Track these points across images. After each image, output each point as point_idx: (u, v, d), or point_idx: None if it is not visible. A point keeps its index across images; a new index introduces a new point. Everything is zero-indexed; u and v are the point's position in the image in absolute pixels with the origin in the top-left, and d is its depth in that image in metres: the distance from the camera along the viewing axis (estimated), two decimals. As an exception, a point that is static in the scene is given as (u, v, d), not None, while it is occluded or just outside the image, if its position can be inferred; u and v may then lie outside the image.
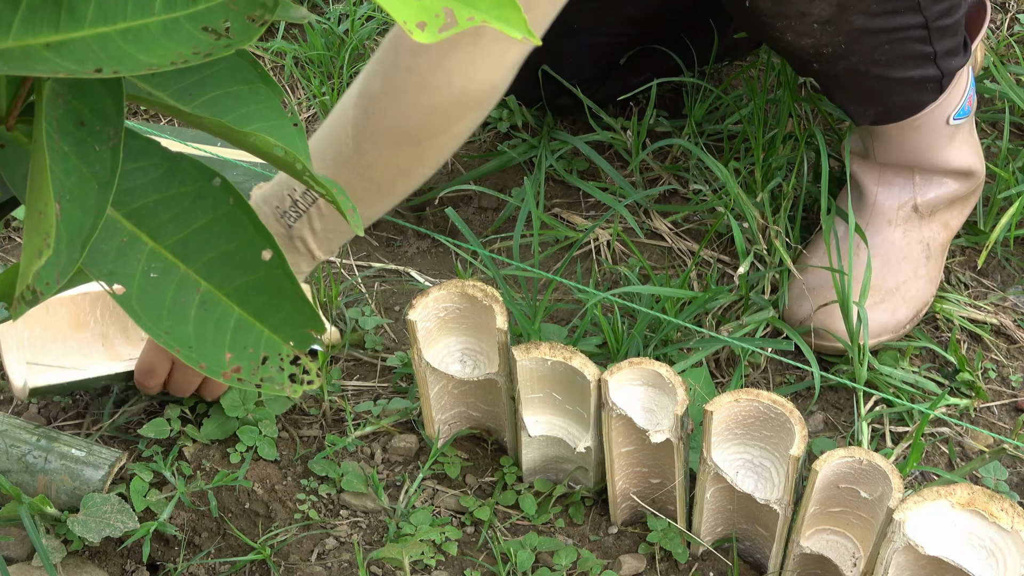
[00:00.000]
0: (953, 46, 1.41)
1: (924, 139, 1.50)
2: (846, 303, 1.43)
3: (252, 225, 0.69)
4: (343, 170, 1.20)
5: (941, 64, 1.42)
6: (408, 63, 1.15)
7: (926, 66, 1.41)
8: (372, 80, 1.18)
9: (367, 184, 1.21)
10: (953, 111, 1.48)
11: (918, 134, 1.49)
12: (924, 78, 1.43)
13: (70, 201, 0.59)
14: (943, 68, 1.42)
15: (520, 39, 0.42)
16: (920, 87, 1.44)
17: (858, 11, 1.33)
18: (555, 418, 1.34)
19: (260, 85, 0.74)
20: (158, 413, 1.45)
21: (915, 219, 1.54)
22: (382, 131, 1.18)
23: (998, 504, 1.11)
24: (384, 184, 1.22)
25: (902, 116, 1.47)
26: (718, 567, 1.31)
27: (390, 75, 1.16)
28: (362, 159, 1.19)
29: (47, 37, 0.56)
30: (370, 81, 1.18)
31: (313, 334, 0.69)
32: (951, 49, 1.41)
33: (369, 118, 1.18)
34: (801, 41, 1.36)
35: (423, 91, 1.15)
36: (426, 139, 1.19)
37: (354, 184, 1.20)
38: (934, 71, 1.42)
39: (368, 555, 1.31)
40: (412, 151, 1.20)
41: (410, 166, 1.22)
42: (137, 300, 0.67)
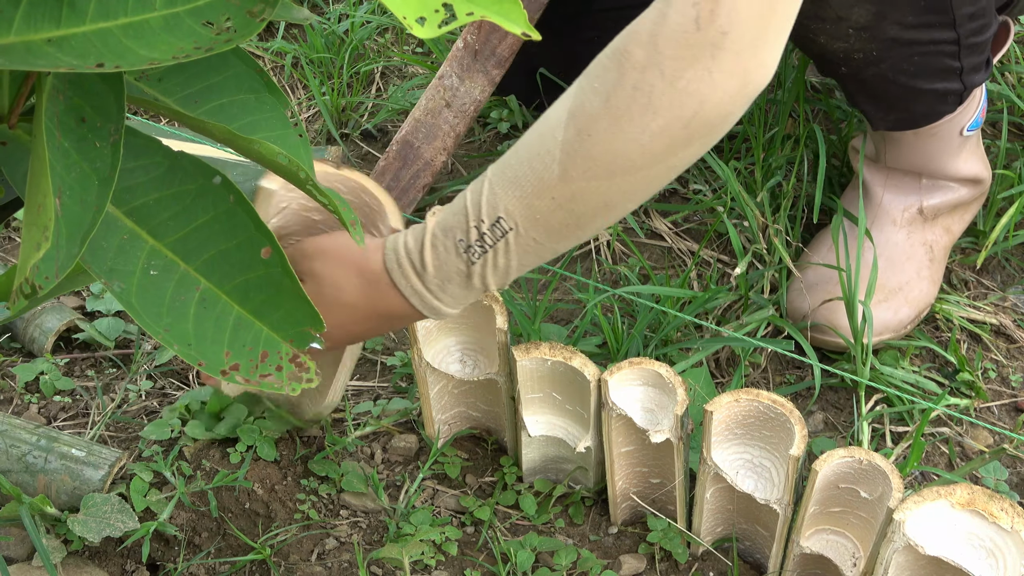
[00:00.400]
0: (979, 62, 1.42)
1: (937, 147, 1.51)
2: (851, 301, 1.44)
3: (252, 223, 0.69)
4: (541, 200, 1.08)
5: (965, 79, 1.43)
6: (635, 80, 1.02)
7: (951, 80, 1.42)
8: (589, 98, 1.05)
9: (565, 217, 1.08)
10: (967, 123, 1.51)
11: (932, 142, 1.51)
12: (947, 91, 1.44)
13: (70, 196, 0.59)
14: (966, 83, 1.43)
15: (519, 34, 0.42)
16: (942, 98, 1.45)
17: (894, 21, 1.33)
18: (555, 418, 1.34)
19: (266, 95, 0.74)
20: (158, 413, 1.45)
21: (919, 222, 1.55)
22: (595, 156, 1.05)
23: (998, 504, 1.11)
24: (584, 218, 1.09)
25: (920, 124, 1.48)
26: (718, 567, 1.31)
27: (612, 93, 1.03)
28: (567, 188, 1.07)
29: (49, 32, 0.56)
30: (586, 100, 1.05)
31: (312, 332, 0.69)
32: (976, 65, 1.42)
33: (583, 141, 1.05)
34: (833, 44, 1.36)
35: (650, 113, 1.02)
36: (644, 168, 1.06)
37: (551, 217, 1.08)
38: (957, 85, 1.43)
39: (368, 555, 1.31)
40: (624, 182, 1.07)
41: (617, 199, 1.08)
42: (137, 297, 0.67)
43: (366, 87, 1.96)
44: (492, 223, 1.10)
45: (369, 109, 1.91)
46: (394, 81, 1.98)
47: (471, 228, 1.11)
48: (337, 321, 1.17)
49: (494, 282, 1.13)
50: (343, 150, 1.79)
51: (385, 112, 1.88)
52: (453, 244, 1.12)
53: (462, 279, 1.12)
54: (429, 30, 0.45)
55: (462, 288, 1.13)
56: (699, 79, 1.01)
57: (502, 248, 1.10)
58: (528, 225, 1.09)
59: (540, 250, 1.11)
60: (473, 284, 1.13)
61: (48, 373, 1.49)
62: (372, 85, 1.97)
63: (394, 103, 1.89)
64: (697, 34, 1.00)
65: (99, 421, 1.44)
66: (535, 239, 1.10)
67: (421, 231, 1.14)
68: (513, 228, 1.09)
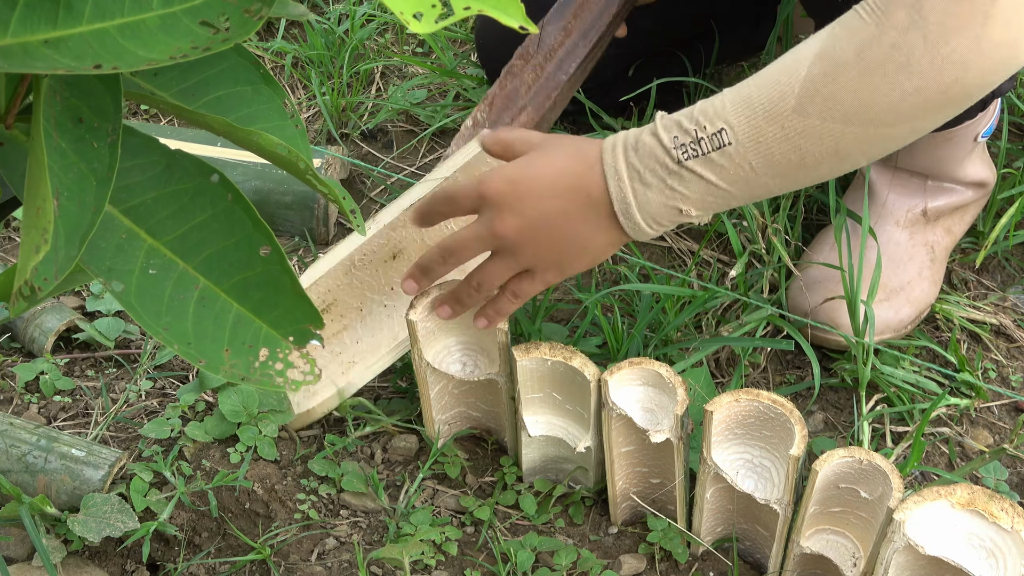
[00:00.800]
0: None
1: (950, 151, 1.51)
2: (853, 300, 1.43)
3: (250, 221, 0.69)
4: (770, 125, 1.06)
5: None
6: (894, 40, 1.01)
7: None
8: (842, 44, 1.03)
9: (789, 150, 1.06)
10: (983, 129, 1.50)
11: (947, 146, 1.50)
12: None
13: (68, 197, 0.59)
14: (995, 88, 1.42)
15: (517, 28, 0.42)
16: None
17: None
18: (555, 418, 1.34)
19: (263, 86, 0.74)
20: (158, 413, 1.45)
21: (922, 223, 1.55)
22: (837, 100, 1.04)
23: (998, 504, 1.11)
24: (808, 158, 1.06)
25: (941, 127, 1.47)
26: (718, 567, 1.31)
27: (868, 45, 1.02)
28: (799, 122, 1.05)
29: (45, 34, 0.56)
30: (839, 45, 1.04)
31: (312, 329, 0.69)
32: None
33: (828, 82, 1.04)
34: None
35: (905, 72, 1.01)
36: (886, 124, 1.04)
37: (775, 146, 1.06)
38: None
39: (368, 555, 1.31)
40: (862, 132, 1.05)
41: (849, 149, 1.06)
42: (136, 296, 0.67)
43: (366, 87, 1.96)
44: (714, 132, 1.08)
45: (369, 109, 1.91)
46: (394, 81, 1.98)
47: (691, 129, 1.09)
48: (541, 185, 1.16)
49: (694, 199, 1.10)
50: (343, 150, 1.79)
51: (385, 112, 1.88)
52: (669, 137, 1.10)
53: (663, 176, 1.10)
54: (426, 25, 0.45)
55: (659, 188, 1.11)
56: (965, 47, 1.00)
57: (715, 160, 1.08)
58: (749, 146, 1.07)
59: (752, 181, 1.08)
60: (673, 189, 1.10)
61: (48, 373, 1.49)
62: (372, 85, 1.97)
63: (394, 103, 1.89)
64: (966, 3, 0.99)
65: (100, 421, 1.44)
66: (751, 164, 1.07)
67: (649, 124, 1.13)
68: (733, 143, 1.07)
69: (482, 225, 1.19)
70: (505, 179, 1.17)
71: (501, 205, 1.17)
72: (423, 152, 1.85)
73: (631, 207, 1.13)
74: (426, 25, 0.45)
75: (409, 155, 1.85)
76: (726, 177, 1.09)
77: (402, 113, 1.90)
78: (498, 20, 0.41)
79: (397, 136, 1.89)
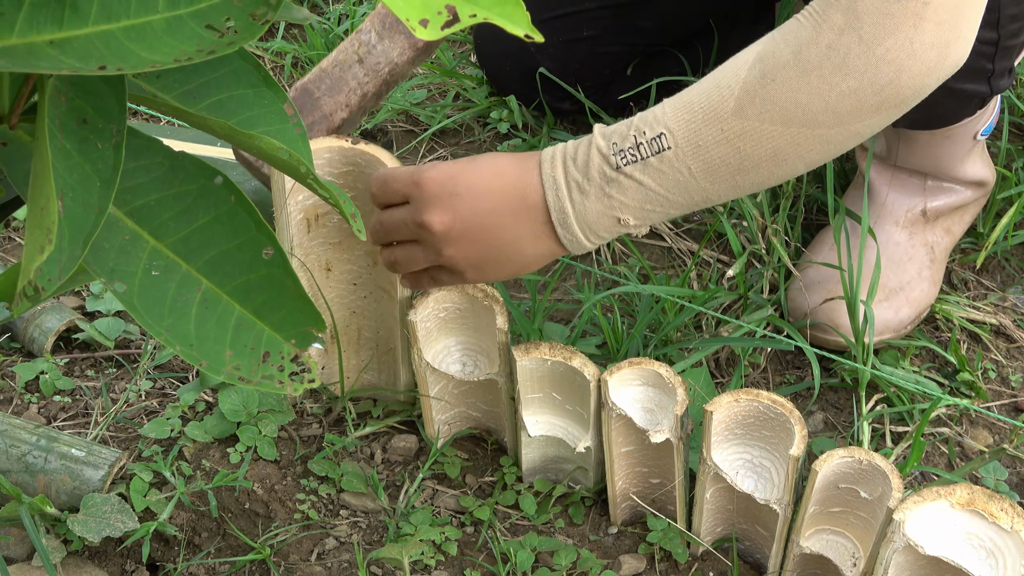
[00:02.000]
0: (1007, 67, 1.41)
1: (950, 149, 1.51)
2: (853, 300, 1.44)
3: (253, 223, 0.69)
4: (710, 128, 1.07)
5: (992, 83, 1.41)
6: (830, 41, 1.03)
7: (980, 82, 1.41)
8: (780, 47, 1.05)
9: (729, 153, 1.07)
10: (982, 127, 1.50)
11: (947, 144, 1.50)
12: (974, 93, 1.42)
13: (72, 198, 0.59)
14: (992, 87, 1.42)
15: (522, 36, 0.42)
16: (966, 100, 1.44)
17: None
18: (555, 418, 1.34)
19: (264, 89, 0.74)
20: (158, 413, 1.45)
21: (921, 223, 1.55)
22: (775, 101, 1.05)
23: (998, 504, 1.11)
24: (748, 160, 1.07)
25: (939, 125, 1.47)
26: (718, 567, 1.31)
27: (804, 47, 1.04)
28: (738, 123, 1.06)
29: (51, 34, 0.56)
30: (777, 47, 1.06)
31: (314, 332, 0.69)
32: (1004, 70, 1.41)
33: (766, 84, 1.05)
34: None
35: (842, 72, 1.03)
36: (823, 126, 1.06)
37: (713, 149, 1.07)
38: (984, 88, 1.42)
39: (368, 555, 1.31)
40: (799, 135, 1.06)
41: (788, 152, 1.07)
42: (139, 298, 0.67)
43: (366, 87, 1.96)
44: (653, 137, 1.08)
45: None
46: (394, 81, 1.98)
47: (629, 135, 1.09)
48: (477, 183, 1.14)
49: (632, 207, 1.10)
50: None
51: (385, 112, 1.88)
52: (607, 144, 1.10)
53: (601, 184, 1.10)
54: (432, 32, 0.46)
55: (597, 197, 1.10)
56: (899, 47, 1.01)
57: (654, 165, 1.08)
58: (688, 150, 1.07)
59: (690, 186, 1.08)
60: (611, 197, 1.10)
61: (48, 373, 1.49)
62: (372, 85, 1.97)
63: (393, 103, 1.89)
64: (898, 4, 1.01)
65: (100, 421, 1.44)
66: (690, 168, 1.07)
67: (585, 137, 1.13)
68: (672, 147, 1.07)
69: (410, 212, 1.17)
70: (444, 172, 1.16)
71: (434, 197, 1.15)
72: (423, 152, 1.85)
73: (568, 216, 1.12)
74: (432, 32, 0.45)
75: (409, 155, 1.85)
76: (665, 182, 1.09)
77: (402, 113, 1.90)
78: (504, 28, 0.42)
79: (397, 136, 1.89)
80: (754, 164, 1.08)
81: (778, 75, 1.05)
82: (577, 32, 1.72)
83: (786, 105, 1.05)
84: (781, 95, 1.05)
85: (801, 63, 1.04)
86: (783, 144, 1.07)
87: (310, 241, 1.34)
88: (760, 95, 1.05)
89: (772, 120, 1.06)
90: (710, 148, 1.07)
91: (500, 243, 1.15)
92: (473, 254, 1.16)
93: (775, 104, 1.05)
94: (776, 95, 1.05)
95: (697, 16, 1.74)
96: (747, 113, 1.06)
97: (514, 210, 1.14)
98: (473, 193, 1.14)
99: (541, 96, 1.76)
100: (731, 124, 1.06)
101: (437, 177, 1.15)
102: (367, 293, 1.41)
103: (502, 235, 1.15)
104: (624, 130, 1.10)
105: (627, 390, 1.26)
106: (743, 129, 1.06)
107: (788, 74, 1.04)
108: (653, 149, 1.08)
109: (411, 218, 1.17)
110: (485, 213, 1.14)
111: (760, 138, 1.07)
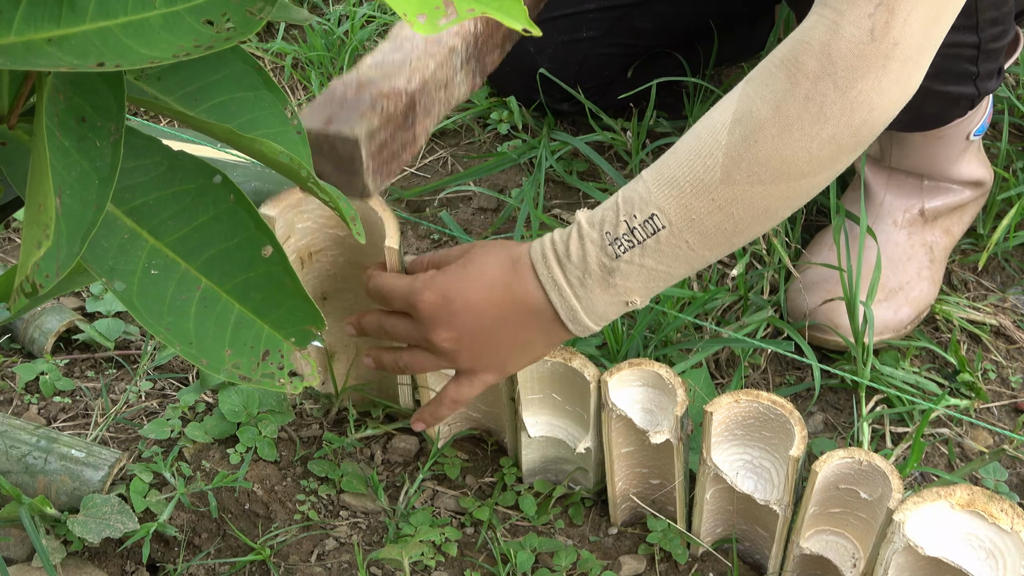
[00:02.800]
0: (993, 69, 1.42)
1: (943, 150, 1.52)
2: (852, 301, 1.44)
3: (252, 222, 0.69)
4: (700, 200, 1.07)
5: (979, 85, 1.42)
6: (807, 91, 1.04)
7: (966, 84, 1.41)
8: (757, 105, 1.06)
9: (723, 220, 1.08)
10: (974, 127, 1.51)
11: (939, 145, 1.51)
12: (961, 95, 1.43)
13: (70, 196, 0.59)
14: (980, 88, 1.43)
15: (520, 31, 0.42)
16: (954, 102, 1.45)
17: None
18: (555, 419, 1.34)
19: (264, 91, 0.74)
20: (158, 414, 1.45)
21: (920, 223, 1.55)
22: (761, 162, 1.06)
23: (998, 505, 1.11)
24: (742, 224, 1.08)
25: (930, 126, 1.48)
26: (718, 568, 1.31)
27: (783, 102, 1.04)
28: (728, 191, 1.07)
29: (49, 32, 0.56)
30: (754, 106, 1.06)
31: (313, 330, 0.69)
32: (991, 72, 1.42)
33: (750, 147, 1.05)
34: None
35: (820, 121, 1.04)
36: (808, 175, 1.07)
37: (708, 219, 1.08)
38: (971, 90, 1.42)
39: (368, 556, 1.31)
40: (788, 188, 1.07)
41: (777, 205, 1.08)
42: (138, 296, 0.67)
43: (366, 88, 1.96)
44: (645, 219, 1.08)
45: (369, 110, 1.91)
46: (394, 82, 1.98)
47: (621, 221, 1.09)
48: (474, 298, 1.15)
49: (638, 289, 1.11)
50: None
51: (385, 113, 1.88)
52: (599, 235, 1.10)
53: (603, 275, 1.10)
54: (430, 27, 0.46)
55: (602, 288, 1.11)
56: (870, 88, 1.03)
57: (651, 247, 1.09)
58: (683, 226, 1.08)
59: (690, 257, 1.10)
60: (615, 286, 1.11)
61: (48, 373, 1.49)
62: (372, 86, 1.97)
63: (394, 104, 1.89)
64: (871, 45, 1.02)
65: (100, 422, 1.44)
66: (687, 242, 1.08)
67: (569, 227, 1.12)
68: (666, 227, 1.08)
69: (416, 330, 1.18)
70: (438, 291, 1.16)
71: (434, 318, 1.16)
72: (423, 153, 1.85)
73: (578, 313, 1.13)
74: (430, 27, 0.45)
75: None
76: (665, 260, 1.10)
77: (402, 114, 1.90)
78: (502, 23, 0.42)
79: (397, 137, 1.89)
80: (748, 224, 1.09)
81: (760, 135, 1.05)
82: (577, 33, 1.72)
83: (772, 163, 1.06)
84: (766, 154, 1.05)
85: (782, 119, 1.05)
86: (773, 201, 1.08)
87: (305, 275, 1.34)
88: (746, 158, 1.06)
89: (761, 181, 1.06)
90: (704, 219, 1.07)
91: (512, 343, 1.17)
92: (490, 359, 1.18)
93: (761, 165, 1.06)
94: (761, 155, 1.06)
95: (696, 18, 1.74)
96: (735, 179, 1.06)
97: (518, 317, 1.15)
98: (472, 310, 1.15)
99: (541, 97, 1.77)
100: (721, 192, 1.07)
101: (432, 300, 1.16)
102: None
103: (512, 336, 1.16)
104: (612, 217, 1.10)
105: (627, 391, 1.26)
106: (734, 195, 1.07)
107: (770, 132, 1.05)
108: (648, 231, 1.09)
109: (419, 336, 1.18)
110: (490, 326, 1.15)
111: (752, 200, 1.07)
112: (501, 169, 1.79)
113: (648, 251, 1.09)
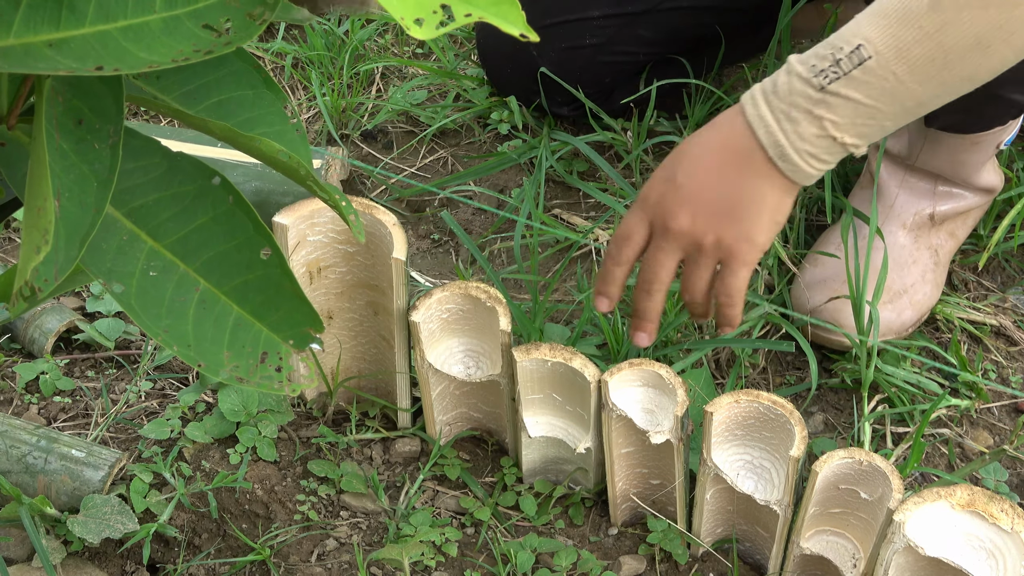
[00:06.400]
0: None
1: (973, 155, 1.50)
2: (859, 301, 1.43)
3: (251, 224, 0.69)
4: (907, 29, 1.05)
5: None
6: None
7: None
8: None
9: (931, 48, 1.04)
10: (1007, 137, 1.49)
11: (972, 150, 1.49)
12: (1014, 103, 1.41)
13: (69, 198, 0.59)
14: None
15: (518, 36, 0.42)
16: (1006, 110, 1.43)
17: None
18: (555, 419, 1.34)
19: (264, 90, 0.74)
20: (158, 414, 1.45)
21: (927, 226, 1.55)
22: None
23: (998, 505, 1.11)
24: (952, 53, 1.05)
25: (973, 130, 1.46)
26: (718, 568, 1.31)
27: None
28: (936, 16, 1.03)
29: (48, 35, 0.56)
30: None
31: (312, 333, 0.69)
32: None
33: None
34: None
35: None
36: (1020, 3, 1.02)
37: (915, 48, 1.04)
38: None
39: (368, 556, 1.31)
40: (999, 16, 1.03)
41: (991, 36, 1.04)
42: (136, 298, 0.67)
43: (366, 88, 1.96)
44: (851, 50, 1.07)
45: (369, 110, 1.91)
46: (394, 82, 1.98)
47: (827, 54, 1.07)
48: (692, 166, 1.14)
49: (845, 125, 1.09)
50: (344, 151, 1.79)
51: (385, 113, 1.89)
52: (807, 68, 1.08)
53: (808, 107, 1.08)
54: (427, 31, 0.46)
55: (808, 121, 1.09)
56: None
57: (858, 77, 1.07)
58: (890, 56, 1.06)
59: (898, 91, 1.07)
60: (821, 119, 1.08)
61: (48, 373, 1.49)
62: (372, 86, 1.97)
63: (394, 104, 1.89)
64: None
65: (100, 422, 1.44)
66: (895, 73, 1.06)
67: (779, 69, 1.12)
68: (873, 56, 1.06)
69: (660, 237, 1.17)
70: (660, 179, 1.17)
71: (666, 204, 1.15)
72: (423, 153, 1.85)
73: (785, 148, 1.11)
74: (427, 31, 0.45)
75: (409, 156, 1.85)
76: (872, 93, 1.08)
77: (402, 114, 1.90)
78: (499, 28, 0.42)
79: (397, 137, 1.89)
80: (959, 56, 1.06)
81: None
82: (580, 40, 1.71)
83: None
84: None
85: None
86: (985, 28, 1.05)
87: (312, 292, 1.35)
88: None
89: (969, 5, 1.03)
90: (911, 48, 1.05)
91: (741, 198, 1.14)
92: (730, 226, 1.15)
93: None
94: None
95: (700, 28, 1.74)
96: (943, 5, 1.04)
97: (735, 163, 1.13)
98: (691, 174, 1.14)
99: (542, 100, 1.76)
100: (928, 19, 1.04)
101: (658, 187, 1.16)
102: (368, 340, 1.41)
103: (741, 193, 1.14)
104: (821, 51, 1.08)
105: (627, 391, 1.26)
106: (942, 21, 1.04)
107: None
108: (854, 62, 1.06)
109: (664, 241, 1.17)
110: (713, 183, 1.14)
111: (960, 27, 1.04)
112: (501, 169, 1.79)
113: (854, 82, 1.07)
